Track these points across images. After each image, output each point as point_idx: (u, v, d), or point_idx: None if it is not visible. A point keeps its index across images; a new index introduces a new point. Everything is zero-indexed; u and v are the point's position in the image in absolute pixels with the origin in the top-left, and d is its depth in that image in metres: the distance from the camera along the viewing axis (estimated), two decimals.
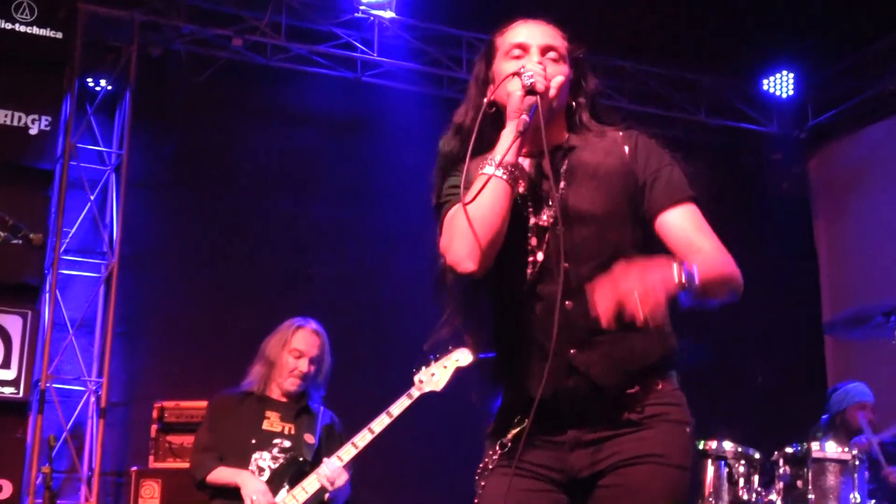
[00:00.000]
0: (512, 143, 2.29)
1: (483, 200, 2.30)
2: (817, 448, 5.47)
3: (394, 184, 7.35)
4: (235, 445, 4.53)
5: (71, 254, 6.77)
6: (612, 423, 2.40)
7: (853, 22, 8.02)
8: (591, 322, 2.28)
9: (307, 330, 4.69)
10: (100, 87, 7.02)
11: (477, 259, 2.30)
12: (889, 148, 8.27)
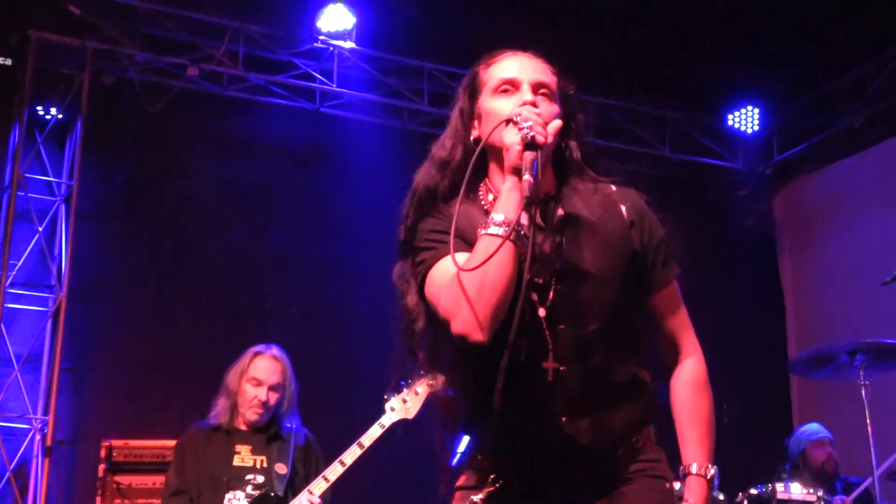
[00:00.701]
0: (518, 206, 2.19)
1: (493, 264, 2.19)
2: (782, 489, 5.54)
3: (352, 215, 7.39)
4: (207, 486, 4.51)
5: (17, 287, 6.73)
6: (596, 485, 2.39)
7: (818, 58, 8.11)
8: (585, 388, 2.32)
9: (266, 357, 4.68)
10: (50, 115, 6.99)
11: (488, 329, 2.21)
12: (855, 185, 8.38)
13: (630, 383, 2.42)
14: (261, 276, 7.36)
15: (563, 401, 2.32)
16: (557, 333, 2.32)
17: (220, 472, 4.51)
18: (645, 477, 2.39)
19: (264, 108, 7.62)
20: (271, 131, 7.74)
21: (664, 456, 2.48)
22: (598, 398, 2.35)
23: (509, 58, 2.51)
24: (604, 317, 2.35)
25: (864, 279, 6.91)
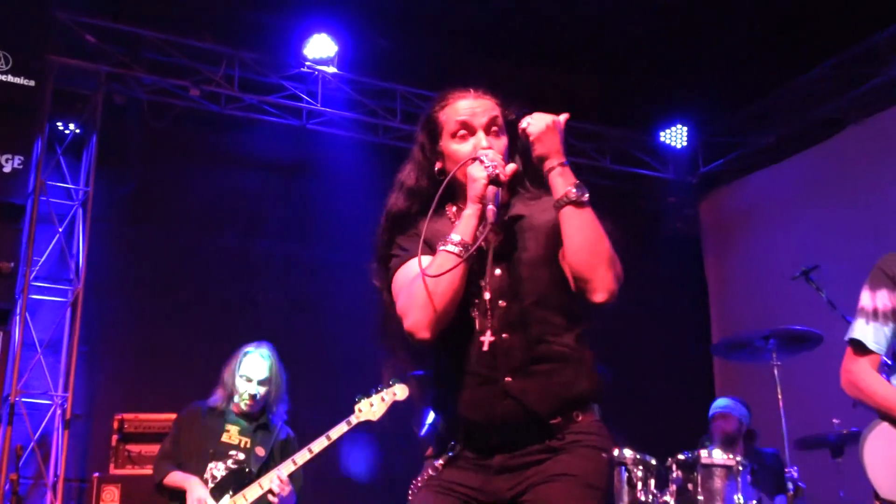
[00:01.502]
0: (475, 229, 2.32)
1: (445, 278, 2.29)
2: (706, 455, 5.56)
3: (333, 221, 7.40)
4: (195, 454, 4.54)
5: (40, 280, 6.74)
6: (536, 450, 2.38)
7: (740, 82, 8.19)
8: (527, 354, 2.35)
9: (255, 356, 4.71)
10: (68, 130, 7.03)
11: (434, 330, 2.32)
12: (770, 193, 8.47)
13: (568, 355, 2.40)
14: (251, 274, 7.37)
15: (507, 365, 2.35)
16: (499, 308, 2.38)
17: (208, 444, 4.56)
18: (582, 447, 2.37)
19: (257, 125, 7.63)
20: (263, 145, 7.77)
21: (607, 433, 2.45)
22: (537, 363, 2.36)
23: (460, 101, 2.55)
24: (539, 293, 2.39)
25: (776, 275, 6.96)
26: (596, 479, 2.37)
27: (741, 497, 5.47)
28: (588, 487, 2.34)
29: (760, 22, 7.53)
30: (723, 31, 7.61)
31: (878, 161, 7.37)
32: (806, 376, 5.71)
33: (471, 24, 7.62)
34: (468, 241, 2.31)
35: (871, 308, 3.13)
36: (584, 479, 2.35)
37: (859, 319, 3.16)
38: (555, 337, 2.40)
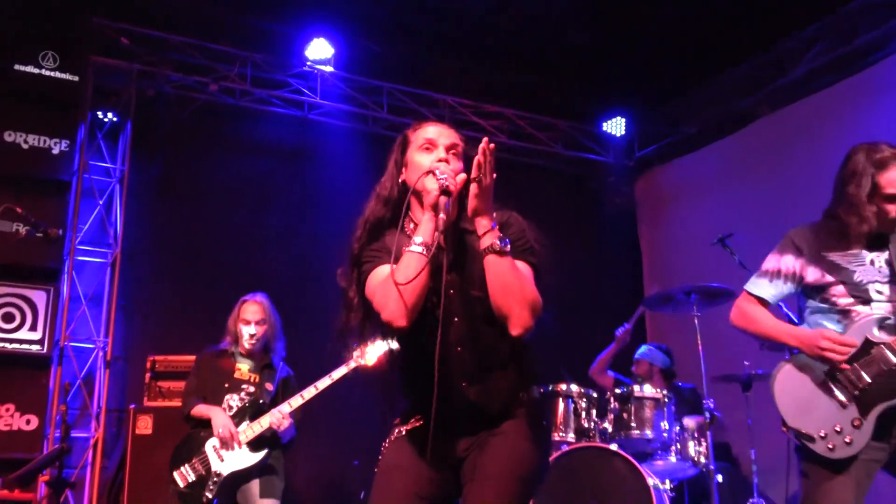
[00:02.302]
0: (433, 232, 2.32)
1: (407, 269, 2.29)
2: (638, 389, 5.63)
3: (331, 199, 7.37)
4: (213, 389, 4.56)
5: (84, 245, 6.70)
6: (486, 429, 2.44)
7: (669, 81, 8.23)
8: (477, 363, 2.40)
9: (250, 302, 4.72)
10: (107, 118, 6.97)
11: (408, 318, 2.31)
12: (693, 175, 8.51)
13: (515, 356, 2.45)
14: (261, 242, 7.32)
15: (461, 372, 2.39)
16: (452, 324, 2.39)
17: (224, 380, 4.58)
18: (524, 416, 2.44)
19: (266, 116, 7.59)
20: (271, 133, 7.71)
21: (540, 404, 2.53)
22: (488, 370, 2.42)
23: (432, 126, 2.55)
24: (487, 310, 2.37)
25: (698, 241, 6.99)
26: (530, 436, 2.43)
27: (666, 423, 5.55)
28: (525, 440, 2.42)
29: (686, 30, 7.54)
30: (653, 38, 7.62)
31: (784, 148, 7.43)
32: (721, 325, 5.68)
33: (446, 32, 7.60)
34: (429, 242, 2.31)
35: (775, 269, 3.15)
36: (519, 435, 2.42)
37: (762, 279, 3.18)
38: (498, 348, 2.43)
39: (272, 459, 4.46)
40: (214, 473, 4.33)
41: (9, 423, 6.05)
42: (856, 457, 2.87)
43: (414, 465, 2.45)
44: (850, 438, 2.88)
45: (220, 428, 4.34)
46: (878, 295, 3.00)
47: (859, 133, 3.18)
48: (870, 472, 2.91)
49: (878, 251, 3.04)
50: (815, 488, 2.92)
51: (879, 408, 2.88)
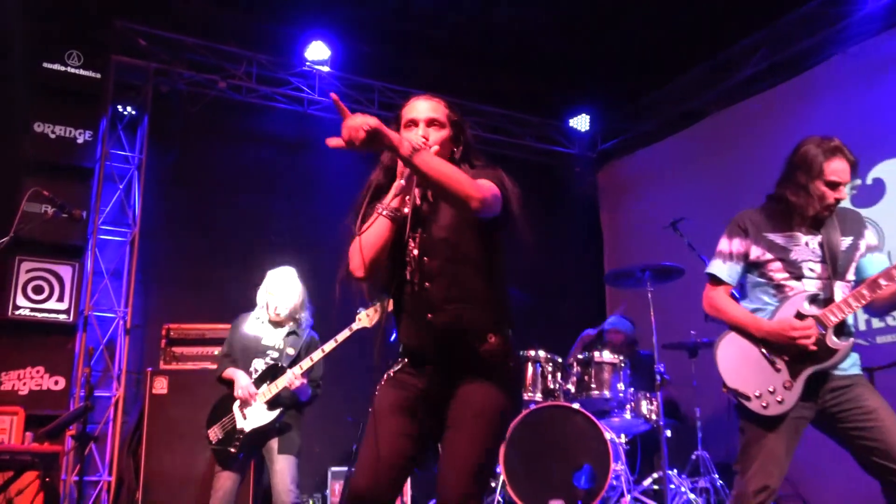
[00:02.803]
0: (401, 197, 2.40)
1: (370, 231, 2.37)
2: (598, 355, 5.67)
3: (328, 184, 7.33)
4: (242, 353, 4.49)
5: (106, 225, 6.65)
6: (455, 363, 2.42)
7: (628, 83, 8.24)
8: (442, 297, 2.40)
9: (276, 275, 4.62)
10: (126, 112, 6.90)
11: (366, 272, 2.40)
12: (649, 166, 8.53)
13: (475, 296, 2.42)
14: (266, 222, 7.29)
15: (428, 305, 2.41)
16: (424, 263, 2.42)
17: (253, 345, 4.50)
18: (491, 360, 2.41)
19: (269, 110, 7.53)
20: (274, 126, 7.65)
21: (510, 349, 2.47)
22: (450, 303, 2.39)
23: (415, 101, 2.55)
24: (452, 251, 2.42)
25: (652, 225, 7.02)
26: (499, 381, 2.40)
27: (622, 385, 5.61)
28: (495, 385, 2.39)
29: (645, 38, 7.57)
30: (616, 45, 7.65)
31: (730, 142, 7.46)
32: (671, 299, 5.80)
33: (430, 36, 7.60)
34: (395, 205, 2.39)
35: (728, 251, 3.17)
36: (489, 381, 2.39)
37: (717, 260, 3.19)
38: (464, 283, 2.42)
39: (290, 419, 4.39)
40: (239, 431, 4.32)
41: (39, 383, 6.04)
42: (786, 414, 2.90)
43: (400, 406, 2.44)
44: (781, 398, 2.91)
45: (240, 389, 4.33)
46: (810, 272, 3.03)
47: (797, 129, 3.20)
48: (798, 429, 2.94)
49: (813, 235, 3.06)
50: (751, 442, 2.95)
51: (807, 371, 2.91)
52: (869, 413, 2.84)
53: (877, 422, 2.82)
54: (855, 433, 2.86)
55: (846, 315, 2.91)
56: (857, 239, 3.08)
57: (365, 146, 2.18)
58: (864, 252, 3.08)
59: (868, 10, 6.41)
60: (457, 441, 2.32)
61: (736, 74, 7.37)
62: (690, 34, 7.48)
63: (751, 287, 3.15)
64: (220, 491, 4.24)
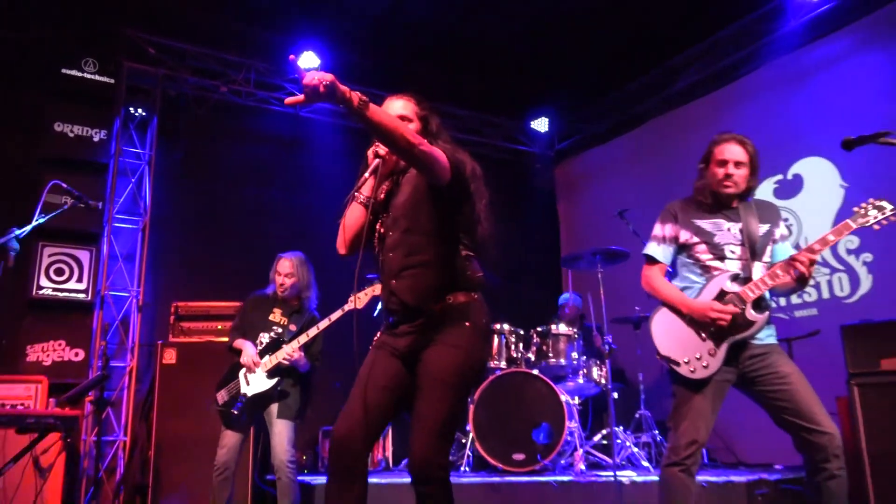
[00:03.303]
0: (372, 186, 2.46)
1: (349, 215, 2.50)
2: (555, 328, 5.75)
3: (319, 178, 7.31)
4: (252, 326, 4.47)
5: (120, 214, 6.58)
6: (420, 324, 2.41)
7: (582, 90, 8.29)
8: (401, 265, 2.43)
9: (282, 259, 4.56)
10: (137, 113, 6.80)
11: (347, 249, 2.52)
12: (600, 163, 8.59)
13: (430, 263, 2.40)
14: (264, 213, 7.25)
15: (390, 273, 2.45)
16: (387, 238, 2.48)
17: (260, 320, 4.48)
18: (448, 321, 2.38)
19: (266, 112, 7.47)
20: (270, 126, 7.59)
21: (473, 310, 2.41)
22: (407, 270, 2.41)
23: (389, 100, 2.58)
24: (409, 224, 2.43)
25: (602, 214, 7.10)
26: (459, 340, 2.36)
27: (576, 354, 5.68)
28: (453, 347, 2.34)
29: (596, 51, 7.61)
30: (571, 57, 7.69)
31: (669, 143, 7.54)
32: (619, 279, 5.86)
33: (411, 46, 7.57)
34: (368, 194, 2.47)
35: (661, 235, 3.22)
36: (449, 342, 2.35)
37: (652, 242, 3.24)
38: (420, 252, 2.41)
39: (288, 387, 4.38)
40: (242, 395, 4.33)
41: (61, 355, 6.00)
42: (711, 378, 2.96)
43: (380, 363, 2.44)
44: (707, 363, 2.97)
45: (246, 357, 4.32)
46: (731, 254, 3.08)
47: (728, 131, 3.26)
48: (722, 390, 3.00)
49: (734, 221, 3.12)
50: (681, 402, 3.00)
51: (729, 340, 2.97)
52: (783, 378, 2.90)
53: (789, 385, 2.88)
54: (770, 395, 2.92)
55: (763, 291, 2.97)
56: (772, 227, 3.15)
57: (322, 98, 2.12)
58: (777, 239, 3.15)
59: (790, 28, 6.50)
60: (423, 402, 2.31)
61: (676, 83, 7.44)
62: (637, 47, 7.54)
63: (681, 266, 3.20)
64: (225, 448, 4.26)
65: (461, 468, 5.29)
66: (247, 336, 4.45)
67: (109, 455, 6.05)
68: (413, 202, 2.46)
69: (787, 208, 6.43)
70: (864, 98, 5.99)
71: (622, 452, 5.41)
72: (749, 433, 5.88)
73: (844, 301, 5.97)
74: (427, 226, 2.43)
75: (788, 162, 6.52)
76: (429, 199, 2.42)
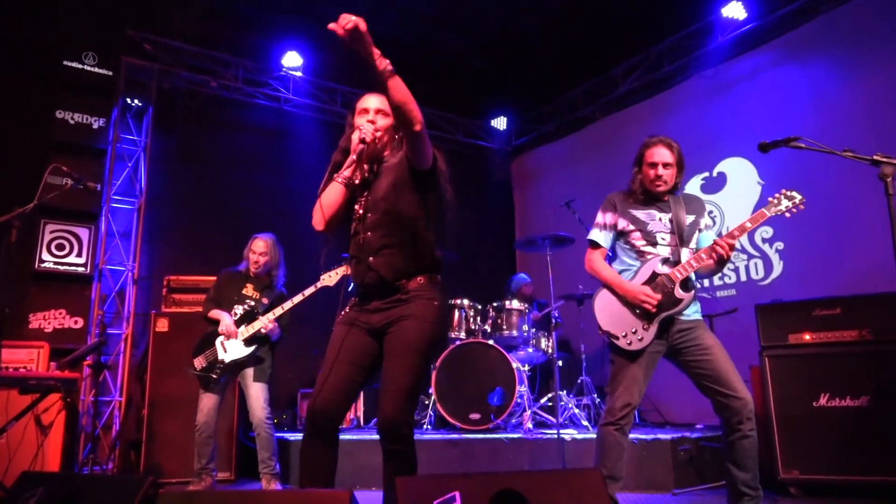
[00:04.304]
0: (346, 167, 2.41)
1: (327, 194, 2.40)
2: (509, 304, 5.75)
3: (300, 165, 7.22)
4: (227, 299, 4.39)
5: (117, 195, 6.40)
6: (392, 300, 2.39)
7: (535, 95, 8.29)
8: (379, 244, 2.38)
9: (258, 239, 4.50)
10: (134, 104, 6.59)
11: (326, 226, 2.39)
12: (551, 158, 8.59)
13: (404, 244, 2.39)
14: (251, 195, 7.10)
15: (368, 250, 2.40)
16: (367, 218, 2.42)
17: (234, 294, 4.41)
18: (419, 298, 2.38)
19: (253, 106, 7.31)
20: (257, 118, 7.42)
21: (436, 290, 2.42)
22: (384, 249, 2.38)
23: (368, 96, 2.55)
24: (387, 208, 2.39)
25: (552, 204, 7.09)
26: (426, 315, 2.35)
27: (527, 327, 5.69)
28: (421, 320, 2.34)
29: (548, 59, 7.59)
30: (527, 65, 7.67)
31: (611, 142, 7.56)
32: (565, 261, 5.90)
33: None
34: (348, 175, 2.41)
35: (602, 223, 3.22)
36: (418, 317, 2.34)
37: (595, 229, 3.24)
38: (396, 233, 2.40)
39: (263, 353, 4.34)
40: (220, 361, 4.25)
41: (61, 323, 5.84)
42: (645, 350, 2.99)
43: (350, 338, 2.40)
44: (641, 337, 2.98)
45: (224, 327, 4.25)
46: (662, 241, 3.09)
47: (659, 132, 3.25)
48: (654, 360, 3.03)
49: (665, 212, 3.13)
50: (618, 370, 3.02)
51: (660, 317, 2.99)
52: (705, 350, 2.93)
53: (711, 356, 2.91)
54: (694, 364, 2.95)
55: (689, 273, 2.99)
56: (698, 217, 3.17)
57: (353, 42, 2.13)
58: (702, 228, 3.17)
59: (717, 44, 6.55)
60: (395, 369, 2.30)
61: (616, 90, 7.46)
62: (582, 57, 7.55)
63: (619, 251, 3.20)
64: (205, 409, 4.20)
65: (424, 426, 5.29)
66: (222, 307, 4.37)
67: (106, 413, 5.92)
68: (395, 188, 2.42)
69: (712, 202, 6.51)
70: (780, 107, 6.07)
71: (565, 413, 5.45)
72: (674, 397, 5.98)
73: (759, 283, 6.09)
74: (405, 210, 2.40)
75: (714, 161, 6.60)
76: (409, 185, 2.41)
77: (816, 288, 5.14)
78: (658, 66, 7.06)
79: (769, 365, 4.05)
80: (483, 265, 7.92)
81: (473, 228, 8.09)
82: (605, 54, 7.40)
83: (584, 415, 5.53)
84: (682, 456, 4.21)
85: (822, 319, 3.99)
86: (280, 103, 7.41)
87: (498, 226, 8.80)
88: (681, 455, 4.21)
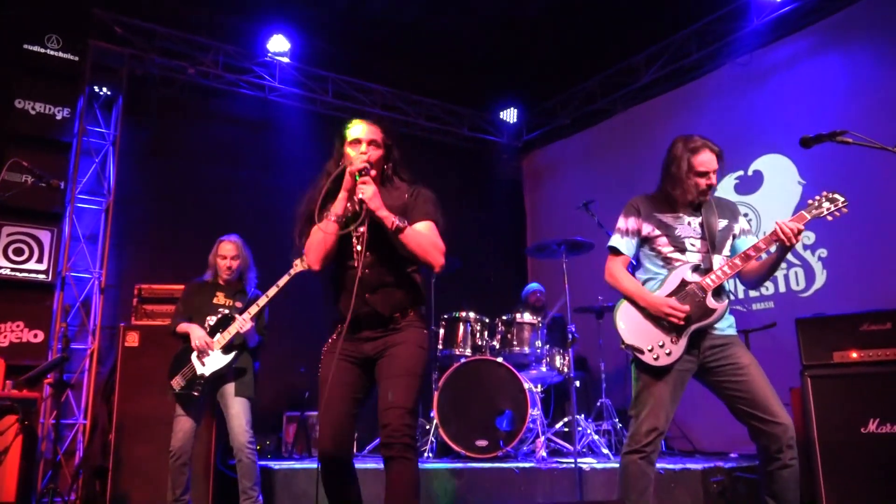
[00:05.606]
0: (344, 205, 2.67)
1: (322, 237, 2.67)
2: (520, 317, 5.74)
3: (286, 161, 7.22)
4: (197, 311, 4.40)
5: (83, 194, 6.41)
6: (385, 330, 2.72)
7: (549, 85, 8.32)
8: (377, 281, 2.69)
9: (225, 241, 4.51)
10: (102, 92, 6.62)
11: (319, 264, 2.72)
12: (565, 155, 8.61)
13: (399, 283, 2.73)
14: (231, 191, 7.11)
15: (366, 286, 2.68)
16: (366, 256, 2.69)
17: (205, 304, 4.41)
18: (412, 327, 2.74)
19: (235, 95, 7.33)
20: (239, 108, 7.45)
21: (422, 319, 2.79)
22: (382, 287, 2.71)
23: (356, 124, 2.77)
24: (387, 248, 2.69)
25: (567, 205, 7.11)
26: (420, 342, 2.73)
27: (539, 342, 5.68)
28: (417, 347, 2.70)
29: (564, 46, 7.61)
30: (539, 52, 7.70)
31: (632, 137, 7.58)
32: (582, 269, 5.89)
33: (380, 36, 7.51)
34: (339, 212, 2.66)
35: (625, 228, 3.22)
36: (412, 343, 2.70)
37: (616, 235, 3.24)
38: (393, 273, 2.73)
39: (244, 363, 4.33)
40: (199, 377, 4.24)
41: (19, 336, 5.84)
42: (673, 366, 2.97)
43: (345, 374, 2.70)
44: (669, 350, 2.98)
45: (197, 340, 4.24)
46: (691, 247, 3.10)
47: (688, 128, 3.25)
48: (683, 380, 3.01)
49: (694, 216, 3.14)
50: (643, 390, 3.01)
51: (691, 329, 2.98)
52: (741, 369, 2.92)
53: (747, 376, 2.90)
54: (728, 385, 2.94)
55: (722, 280, 3.00)
56: (731, 222, 3.17)
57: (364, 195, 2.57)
58: (738, 234, 3.17)
59: (751, 28, 6.56)
60: (397, 389, 2.60)
61: (638, 80, 7.47)
62: (601, 44, 7.58)
63: (643, 258, 3.20)
64: (181, 432, 4.19)
65: (425, 454, 5.27)
66: (193, 321, 4.38)
67: (68, 438, 5.91)
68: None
69: (747, 203, 6.51)
70: (820, 97, 6.08)
71: (583, 440, 5.43)
72: (705, 422, 5.96)
73: (800, 295, 6.08)
74: (401, 253, 2.69)
75: (749, 158, 6.60)
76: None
77: (864, 300, 5.13)
78: (685, 52, 7.07)
79: (811, 386, 4.04)
80: (490, 274, 7.92)
81: (479, 233, 8.10)
82: (625, 40, 7.42)
83: (604, 441, 5.52)
84: (714, 488, 4.19)
85: (871, 335, 3.98)
86: (265, 92, 7.42)
87: (507, 230, 8.80)
88: (713, 487, 4.19)
